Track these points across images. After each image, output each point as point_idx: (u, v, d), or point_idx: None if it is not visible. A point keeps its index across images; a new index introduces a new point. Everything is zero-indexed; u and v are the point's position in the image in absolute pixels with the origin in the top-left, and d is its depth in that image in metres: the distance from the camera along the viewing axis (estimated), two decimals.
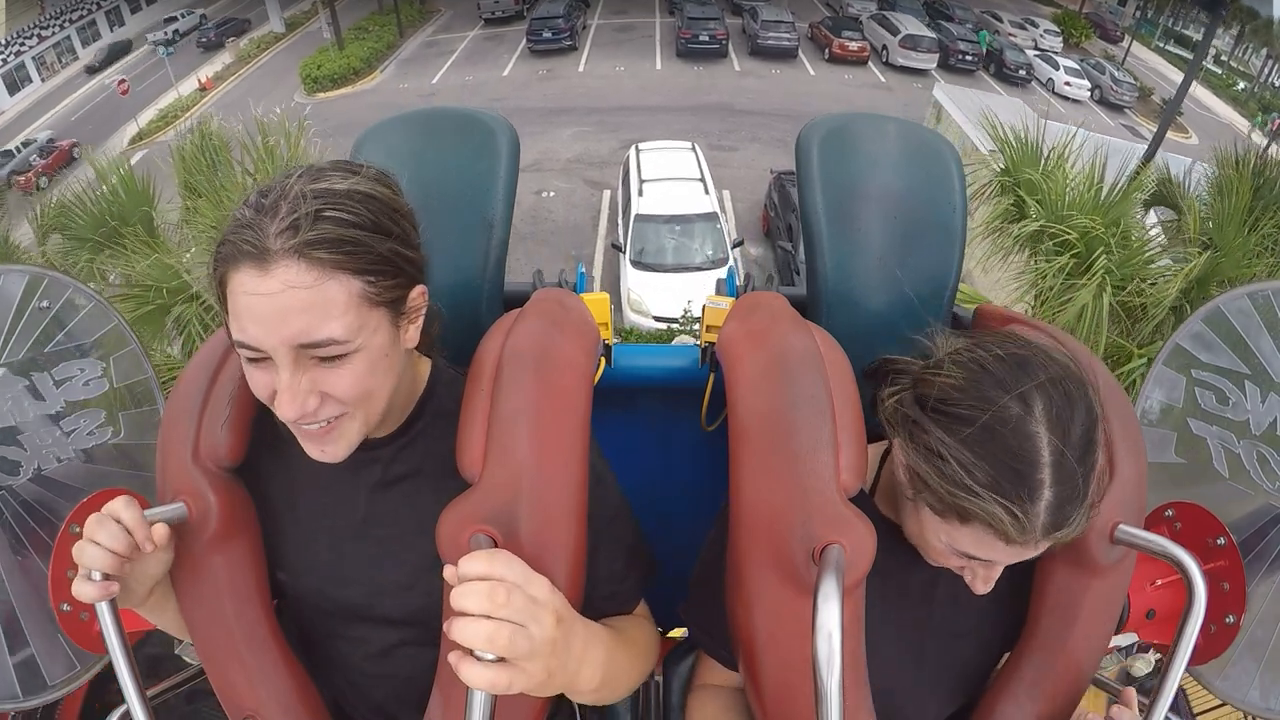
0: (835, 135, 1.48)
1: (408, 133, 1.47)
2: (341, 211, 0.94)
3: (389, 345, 1.01)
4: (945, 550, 1.07)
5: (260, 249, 0.90)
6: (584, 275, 1.68)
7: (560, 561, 1.02)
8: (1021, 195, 6.16)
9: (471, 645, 0.83)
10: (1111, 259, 5.59)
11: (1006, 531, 0.96)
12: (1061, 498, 0.95)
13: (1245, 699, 1.39)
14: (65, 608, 1.27)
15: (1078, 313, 5.49)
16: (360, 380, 0.99)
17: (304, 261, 0.90)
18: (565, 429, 1.09)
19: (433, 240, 1.08)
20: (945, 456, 0.99)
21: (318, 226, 0.91)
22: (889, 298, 1.44)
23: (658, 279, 11.31)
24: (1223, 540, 1.32)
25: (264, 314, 0.92)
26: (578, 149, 17.65)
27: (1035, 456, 0.94)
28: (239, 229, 0.92)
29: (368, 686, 1.26)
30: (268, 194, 0.94)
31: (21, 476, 1.44)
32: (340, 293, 0.93)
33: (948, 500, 0.99)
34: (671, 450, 1.83)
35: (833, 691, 0.87)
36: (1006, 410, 0.96)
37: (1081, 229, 5.67)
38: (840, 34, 23.96)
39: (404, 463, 1.16)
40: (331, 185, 0.95)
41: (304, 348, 0.94)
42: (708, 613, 1.26)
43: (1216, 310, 1.49)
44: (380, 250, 0.96)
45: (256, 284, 0.90)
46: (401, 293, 1.01)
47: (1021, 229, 5.97)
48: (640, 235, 11.82)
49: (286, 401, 0.95)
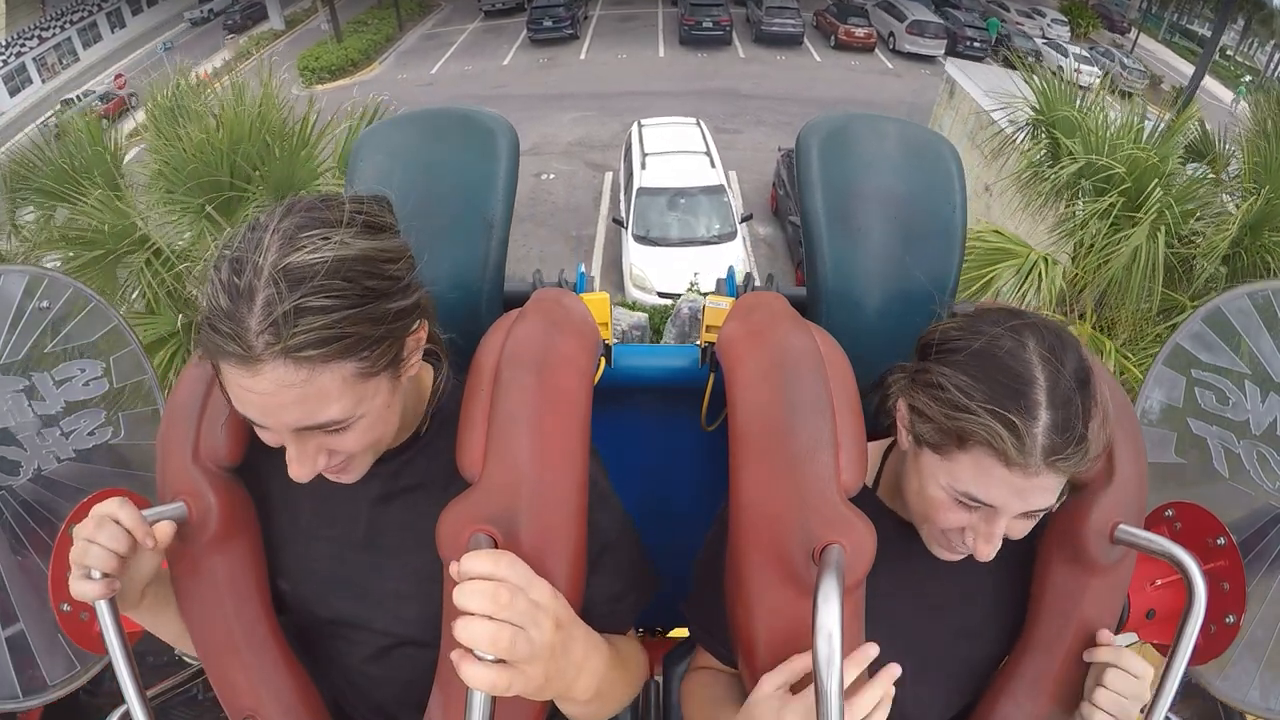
0: (835, 136, 1.48)
1: (408, 133, 1.47)
2: (324, 298, 0.87)
3: (390, 396, 1.00)
4: (946, 502, 1.07)
5: (244, 350, 0.86)
6: (584, 275, 1.68)
7: (560, 562, 1.02)
8: (1058, 136, 5.76)
9: (473, 645, 0.83)
10: (1168, 192, 5.19)
11: (1006, 450, 0.97)
12: (1059, 421, 0.97)
13: (1245, 699, 1.39)
14: (65, 608, 1.28)
15: (1131, 255, 5.11)
16: (365, 436, 0.99)
17: (292, 362, 0.87)
18: (565, 429, 1.09)
19: (433, 240, 1.08)
20: (944, 385, 1.02)
21: (301, 323, 0.86)
22: (889, 298, 1.44)
23: (661, 253, 11.08)
24: (1223, 540, 1.32)
25: (259, 406, 0.90)
26: (579, 133, 17.54)
27: (1031, 377, 0.98)
28: (216, 321, 0.87)
29: (367, 687, 1.26)
30: (241, 270, 0.87)
31: (21, 476, 1.44)
32: (333, 381, 0.90)
33: (948, 426, 1.01)
34: (671, 450, 1.83)
35: (833, 691, 0.88)
36: (1001, 339, 1.00)
37: (1130, 160, 5.33)
38: (846, 20, 23.79)
39: (408, 476, 1.15)
40: (308, 259, 0.87)
41: (304, 429, 0.94)
42: (708, 612, 1.26)
43: (1216, 310, 1.49)
44: (370, 327, 0.92)
45: (246, 381, 0.88)
46: (398, 348, 0.98)
47: (1059, 171, 5.62)
48: (643, 209, 11.58)
49: (296, 469, 0.97)
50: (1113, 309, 5.49)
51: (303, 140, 5.56)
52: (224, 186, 5.19)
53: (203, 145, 5.15)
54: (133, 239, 5.08)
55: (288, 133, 5.51)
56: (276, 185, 5.30)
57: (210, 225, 5.16)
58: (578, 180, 15.59)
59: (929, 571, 1.21)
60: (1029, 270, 5.43)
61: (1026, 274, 5.42)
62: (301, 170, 5.47)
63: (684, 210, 11.57)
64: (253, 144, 5.25)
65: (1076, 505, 1.16)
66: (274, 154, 5.34)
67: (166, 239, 5.16)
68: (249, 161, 5.23)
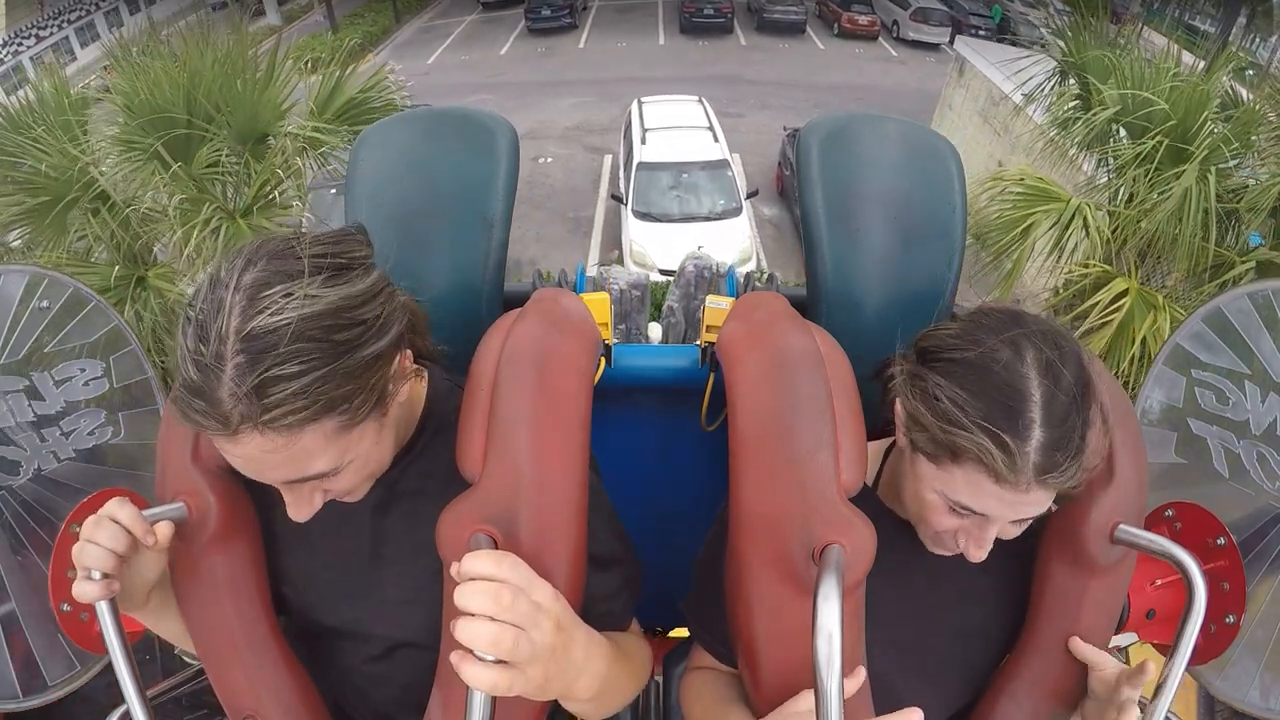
0: (835, 136, 1.48)
1: (408, 133, 1.47)
2: (293, 364, 0.85)
3: (378, 434, 1.00)
4: (940, 506, 1.08)
5: (221, 424, 0.85)
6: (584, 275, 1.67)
7: (560, 562, 1.02)
8: (1089, 79, 5.41)
9: (474, 646, 0.83)
10: (1220, 130, 4.85)
11: (997, 468, 0.97)
12: (1053, 440, 0.97)
13: (1245, 699, 1.39)
14: (65, 608, 1.28)
15: (1180, 200, 4.76)
16: (359, 474, 1.01)
17: (270, 430, 0.86)
18: (565, 429, 1.09)
19: (433, 240, 1.08)
20: (940, 397, 1.02)
21: (272, 394, 0.84)
22: (889, 298, 1.44)
23: (662, 229, 10.65)
24: (1223, 540, 1.32)
25: (244, 466, 0.91)
26: (577, 118, 17.30)
27: (1025, 394, 0.97)
28: (188, 396, 0.86)
29: (368, 687, 1.26)
30: (206, 338, 0.85)
31: (21, 476, 1.44)
32: (315, 440, 0.90)
33: (941, 439, 1.01)
34: (671, 450, 1.83)
35: (833, 691, 0.87)
36: (998, 352, 1.00)
37: (1175, 95, 4.96)
38: (849, 8, 23.47)
39: (408, 482, 1.15)
40: (271, 323, 0.85)
41: (295, 482, 0.95)
42: (708, 612, 1.26)
43: (1216, 310, 1.48)
44: (345, 381, 0.90)
45: (228, 447, 0.88)
46: (380, 390, 0.96)
47: (1094, 116, 5.27)
48: (643, 184, 11.12)
49: (294, 512, 0.98)
50: (1157, 265, 5.29)
51: (269, 78, 5.15)
52: (180, 124, 4.79)
53: (159, 79, 4.77)
54: (82, 184, 4.78)
55: (255, 74, 5.09)
56: (239, 127, 4.98)
57: (161, 167, 4.78)
58: (576, 163, 15.35)
59: (929, 571, 1.21)
60: (1070, 218, 5.22)
61: (1068, 222, 5.22)
62: (267, 111, 5.12)
63: (686, 185, 11.10)
64: (215, 80, 4.87)
65: (1076, 505, 1.16)
66: (238, 90, 4.96)
67: (113, 183, 4.86)
68: (210, 100, 4.84)
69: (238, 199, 5.17)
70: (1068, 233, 5.27)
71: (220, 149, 4.92)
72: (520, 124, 1.46)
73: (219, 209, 4.96)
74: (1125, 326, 5.03)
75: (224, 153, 4.93)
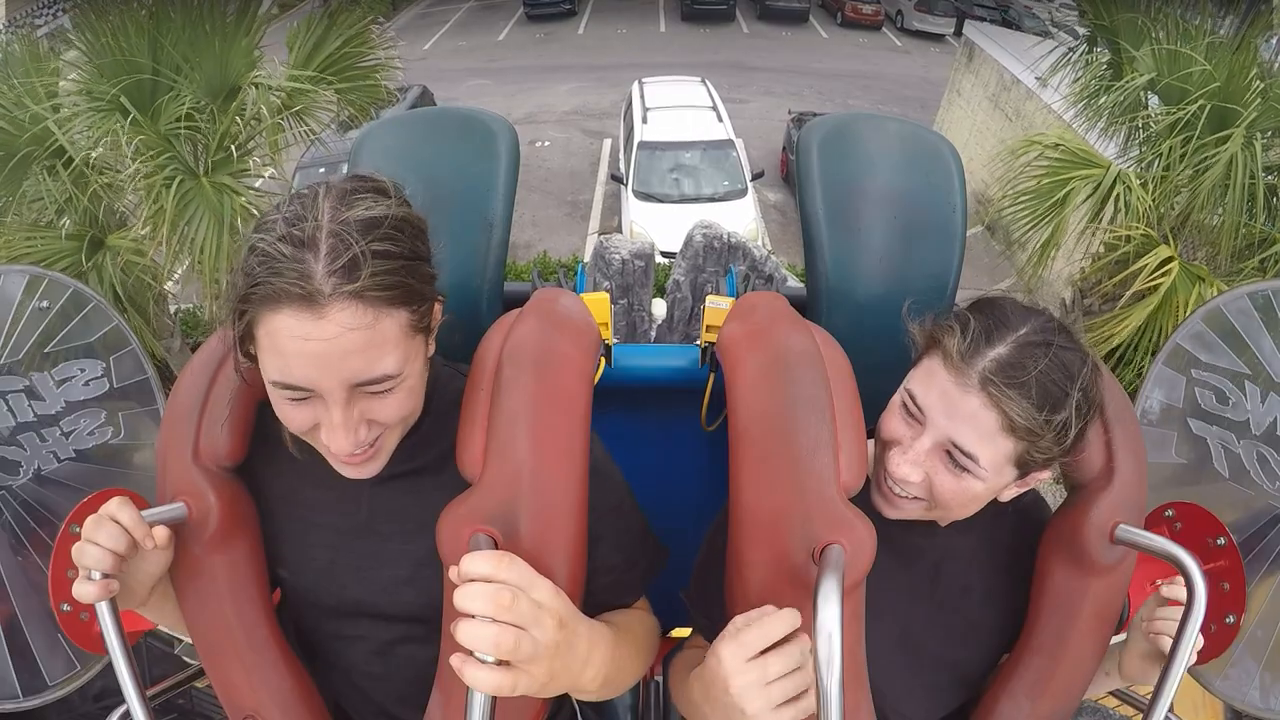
0: (835, 135, 1.48)
1: (408, 133, 1.47)
2: (388, 244, 0.92)
3: (423, 366, 1.03)
4: (896, 406, 1.13)
5: (311, 292, 0.87)
6: (584, 275, 1.67)
7: (560, 561, 1.02)
8: (1121, 44, 5.12)
9: (476, 648, 0.83)
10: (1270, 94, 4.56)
11: (951, 351, 1.05)
12: (1011, 360, 1.02)
13: (1245, 699, 1.40)
14: (65, 608, 1.28)
15: (1225, 168, 4.52)
16: (405, 404, 1.01)
17: (361, 303, 0.89)
18: (565, 429, 1.09)
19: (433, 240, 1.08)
20: (955, 314, 1.11)
21: (372, 264, 0.89)
22: (889, 297, 1.44)
23: (664, 210, 10.40)
24: (1223, 540, 1.32)
25: (319, 357, 0.90)
26: (575, 102, 17.13)
27: (1013, 324, 1.05)
28: (277, 266, 0.88)
29: (368, 686, 1.26)
30: (298, 224, 0.90)
31: (21, 476, 1.45)
32: (393, 328, 0.93)
33: (927, 334, 1.11)
34: (671, 450, 1.83)
35: (833, 691, 0.87)
36: (1011, 303, 1.10)
37: (1216, 55, 4.72)
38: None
39: (407, 460, 1.15)
40: (369, 213, 0.92)
41: (358, 385, 0.94)
42: (708, 612, 1.26)
43: (1216, 310, 1.49)
44: (420, 282, 0.97)
45: (309, 328, 0.88)
46: (431, 313, 1.02)
47: (1128, 83, 5.01)
48: (644, 164, 10.91)
49: (341, 438, 0.97)
50: (1192, 240, 5.11)
51: (241, 23, 4.99)
52: (145, 70, 4.61)
53: (122, 23, 4.58)
54: (32, 136, 4.57)
55: (225, 17, 4.89)
56: (209, 78, 4.80)
57: (123, 119, 4.52)
58: (574, 147, 15.18)
59: (929, 571, 1.21)
60: (1110, 187, 5.01)
61: (1108, 192, 5.03)
62: (239, 60, 4.95)
63: (688, 166, 10.99)
64: (183, 26, 4.70)
65: (1076, 506, 1.16)
66: (207, 34, 4.76)
67: (71, 139, 4.63)
68: (178, 49, 4.69)
69: (207, 158, 4.92)
70: (1107, 203, 5.11)
71: (185, 102, 4.70)
72: (517, 108, 1.47)
73: (179, 166, 4.71)
74: (1169, 297, 4.90)
75: (187, 106, 4.70)
